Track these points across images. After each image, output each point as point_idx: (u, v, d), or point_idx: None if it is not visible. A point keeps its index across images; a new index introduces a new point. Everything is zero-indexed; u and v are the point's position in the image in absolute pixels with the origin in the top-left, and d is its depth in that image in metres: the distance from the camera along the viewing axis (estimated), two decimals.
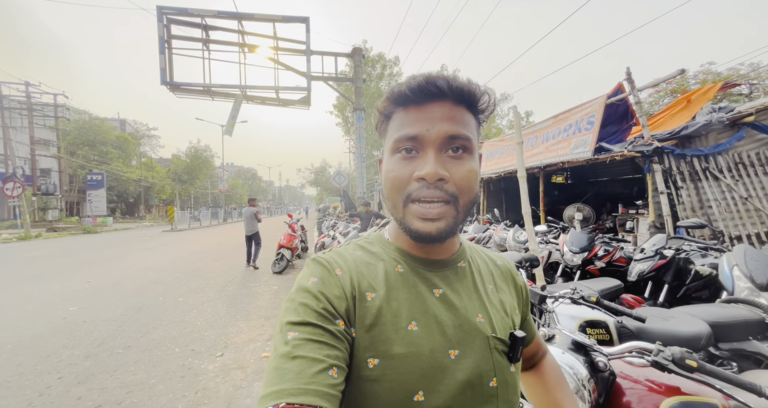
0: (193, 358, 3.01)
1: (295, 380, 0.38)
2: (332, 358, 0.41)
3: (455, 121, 0.48)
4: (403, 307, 0.50)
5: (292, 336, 0.42)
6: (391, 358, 0.46)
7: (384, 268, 0.53)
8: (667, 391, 0.89)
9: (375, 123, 0.57)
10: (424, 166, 0.47)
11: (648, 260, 2.80)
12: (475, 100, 0.50)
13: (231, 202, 45.51)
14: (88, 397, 2.39)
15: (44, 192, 21.95)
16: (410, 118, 0.49)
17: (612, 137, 5.32)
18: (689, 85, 13.47)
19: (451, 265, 0.56)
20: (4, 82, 20.32)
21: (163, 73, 10.42)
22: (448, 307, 0.52)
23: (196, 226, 23.19)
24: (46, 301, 4.77)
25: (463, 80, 0.49)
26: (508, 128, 23.22)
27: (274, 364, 0.40)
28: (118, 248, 11.07)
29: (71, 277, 6.34)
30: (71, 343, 3.30)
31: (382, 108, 0.54)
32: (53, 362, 2.91)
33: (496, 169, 7.78)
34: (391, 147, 0.51)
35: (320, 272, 0.49)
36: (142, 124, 36.06)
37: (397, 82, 14.07)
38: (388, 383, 0.45)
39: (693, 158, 4.07)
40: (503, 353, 0.53)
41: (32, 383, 2.57)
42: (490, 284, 0.60)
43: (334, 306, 0.46)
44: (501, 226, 4.94)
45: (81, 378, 2.64)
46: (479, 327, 0.52)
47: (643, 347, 0.98)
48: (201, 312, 4.32)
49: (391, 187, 0.50)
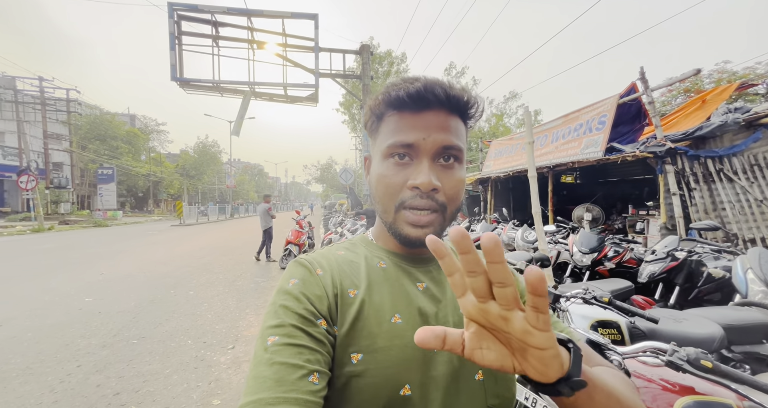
0: (206, 350, 3.08)
1: (274, 388, 0.37)
2: (313, 363, 0.41)
3: (450, 132, 0.49)
4: (385, 300, 0.50)
5: (272, 341, 0.41)
6: (375, 352, 0.46)
7: (366, 264, 0.54)
8: (681, 391, 0.90)
9: (364, 120, 0.57)
10: (418, 176, 0.47)
11: (659, 262, 2.79)
12: (467, 109, 0.51)
13: (238, 197, 45.94)
14: (107, 384, 2.47)
15: (57, 185, 22.39)
16: (406, 125, 0.49)
17: (624, 137, 5.27)
18: (703, 84, 13.19)
19: (434, 262, 0.57)
20: (19, 77, 20.69)
21: (174, 70, 10.52)
22: (432, 299, 0.52)
23: (204, 221, 23.46)
24: (62, 292, 4.90)
25: (458, 89, 0.50)
26: (516, 127, 22.99)
27: (253, 372, 0.39)
28: (128, 242, 11.27)
29: (85, 269, 6.50)
30: (88, 333, 3.41)
31: (375, 108, 0.53)
32: (72, 351, 3.00)
33: (504, 168, 7.74)
34: (384, 151, 0.51)
35: (301, 273, 0.49)
36: (151, 120, 36.50)
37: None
38: (372, 378, 0.45)
39: (707, 159, 4.01)
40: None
41: (53, 370, 2.66)
42: None
43: (315, 306, 0.45)
44: (509, 226, 4.93)
45: (99, 366, 2.73)
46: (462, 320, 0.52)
47: (657, 347, 0.99)
48: (211, 305, 4.40)
49: (384, 192, 0.51)
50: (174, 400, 2.30)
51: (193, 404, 2.26)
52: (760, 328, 1.58)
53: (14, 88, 20.73)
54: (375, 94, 0.53)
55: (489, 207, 8.64)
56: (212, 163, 37.38)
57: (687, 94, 12.75)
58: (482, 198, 9.31)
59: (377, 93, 0.53)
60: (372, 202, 0.56)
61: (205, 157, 36.21)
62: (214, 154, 37.62)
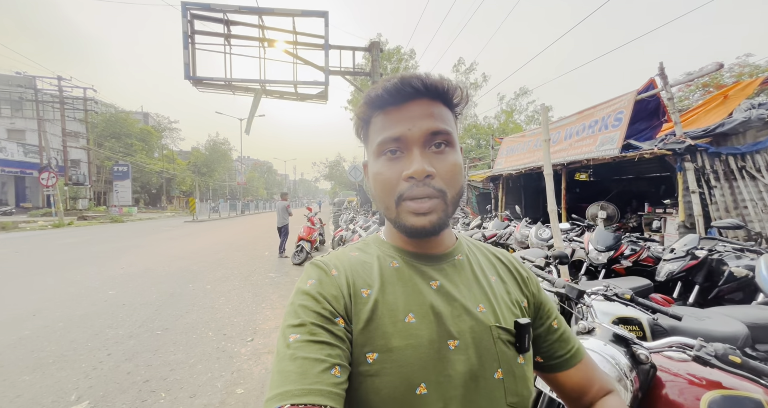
0: (226, 342, 3.18)
1: (299, 381, 0.38)
2: (334, 357, 0.42)
3: (435, 118, 0.49)
4: (399, 300, 0.50)
5: (293, 338, 0.42)
6: (390, 351, 0.46)
7: (379, 264, 0.54)
8: (708, 385, 0.92)
9: (355, 129, 0.57)
10: (411, 165, 0.48)
11: (678, 260, 2.76)
12: (449, 95, 0.51)
13: (248, 194, 46.52)
14: (136, 372, 2.59)
15: (75, 182, 23.07)
16: (391, 120, 0.50)
17: (641, 134, 5.18)
18: (723, 78, 12.79)
19: (447, 259, 0.57)
20: (39, 77, 21.29)
21: (187, 68, 10.66)
22: (446, 298, 0.52)
23: (215, 217, 23.89)
24: (87, 284, 5.10)
25: (435, 77, 0.50)
26: (526, 124, 22.67)
27: (277, 367, 0.41)
28: (145, 237, 11.58)
29: (106, 263, 6.73)
30: (115, 324, 3.55)
31: (360, 113, 0.54)
32: (101, 340, 3.14)
33: (516, 165, 7.68)
34: (375, 150, 0.52)
35: (317, 274, 0.51)
36: (163, 118, 37.15)
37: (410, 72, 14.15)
38: (388, 377, 0.45)
39: (728, 157, 3.93)
40: (509, 343, 0.52)
41: (86, 358, 2.80)
42: (494, 276, 0.59)
43: (332, 305, 0.47)
44: (522, 223, 4.91)
45: (128, 355, 2.85)
46: (480, 317, 0.51)
47: (684, 342, 1.01)
48: (228, 299, 4.52)
49: (382, 189, 0.51)
50: (200, 388, 2.40)
51: (218, 392, 2.35)
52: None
53: (35, 87, 21.34)
54: (359, 102, 0.54)
55: (500, 205, 8.59)
56: (223, 161, 37.92)
57: (706, 89, 12.38)
58: (493, 195, 9.25)
59: (362, 99, 0.53)
60: (375, 204, 0.56)
61: (215, 155, 36.76)
62: (225, 151, 38.14)
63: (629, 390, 0.92)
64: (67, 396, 2.27)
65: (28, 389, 2.35)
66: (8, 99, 24.46)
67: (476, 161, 16.11)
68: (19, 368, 2.61)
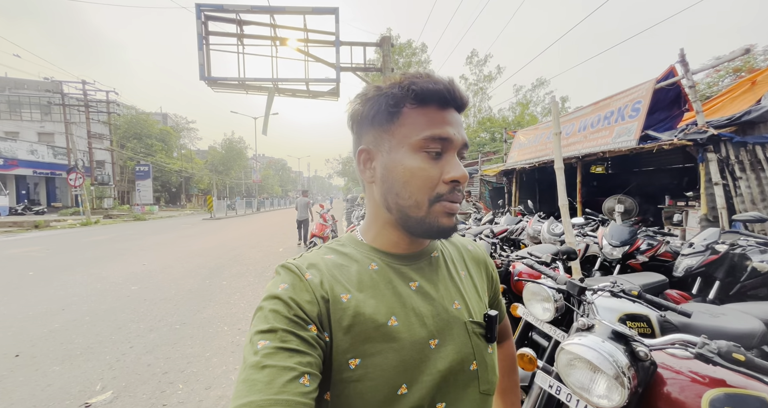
0: (241, 337, 3.29)
1: (264, 391, 0.37)
2: (304, 365, 0.40)
3: (463, 130, 0.53)
4: (381, 303, 0.50)
5: (262, 345, 0.40)
6: (373, 356, 0.46)
7: (357, 268, 0.53)
8: (711, 383, 0.90)
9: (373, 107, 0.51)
10: (455, 169, 0.49)
11: (697, 255, 2.65)
12: (464, 109, 0.54)
13: (263, 192, 47.43)
14: (156, 364, 2.72)
15: (100, 182, 24.12)
16: (436, 119, 0.49)
17: (660, 124, 4.96)
18: (757, 62, 12.05)
19: (424, 257, 0.58)
20: (65, 81, 22.26)
21: (202, 69, 10.92)
22: (425, 298, 0.53)
23: (232, 214, 24.50)
24: (112, 280, 5.36)
25: (465, 93, 0.52)
26: (542, 116, 22.06)
27: (243, 376, 0.39)
28: (165, 234, 12.02)
29: (129, 260, 7.04)
30: (137, 318, 3.73)
31: (396, 94, 0.50)
32: (124, 333, 3.31)
33: (530, 158, 7.51)
34: (414, 143, 0.49)
35: (290, 278, 0.48)
36: (181, 118, 38.20)
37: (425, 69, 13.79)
38: (371, 382, 0.45)
39: (755, 146, 3.72)
40: (481, 336, 0.55)
41: (110, 350, 2.96)
42: (463, 270, 0.63)
43: (305, 311, 0.45)
44: (535, 218, 4.82)
45: (148, 348, 3.00)
46: (456, 314, 0.54)
47: (687, 340, 0.98)
48: (243, 295, 4.66)
49: (421, 186, 0.49)
50: (215, 381, 2.50)
51: (232, 385, 2.45)
52: None
53: (61, 91, 22.36)
54: (390, 84, 0.51)
55: (514, 199, 8.44)
56: (239, 159, 38.73)
57: (737, 74, 11.69)
58: (506, 190, 9.10)
59: (393, 83, 0.51)
60: (386, 198, 0.52)
61: (231, 153, 37.57)
62: (240, 149, 38.92)
63: (627, 387, 0.90)
64: (92, 386, 2.42)
65: (58, 379, 2.51)
66: (38, 104, 25.74)
67: (490, 155, 15.84)
68: (50, 359, 2.80)
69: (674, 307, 1.28)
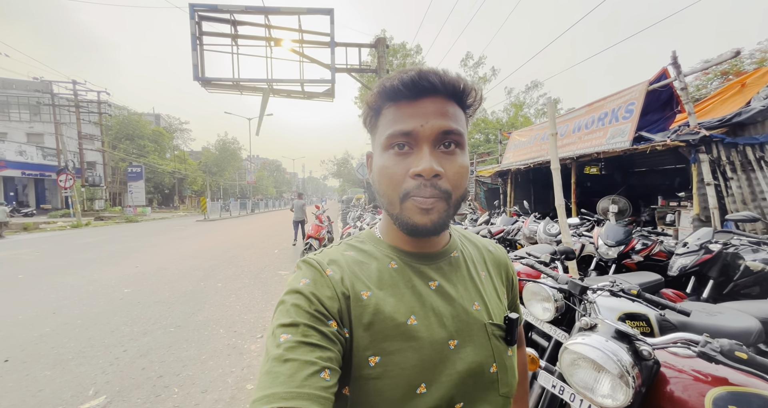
0: (236, 339, 3.25)
1: (287, 384, 0.37)
2: (324, 360, 0.41)
3: (448, 117, 0.48)
4: (400, 302, 0.50)
5: (284, 338, 0.41)
6: (392, 354, 0.46)
7: (377, 265, 0.53)
8: (714, 382, 0.90)
9: (363, 117, 0.56)
10: (420, 162, 0.47)
11: (691, 254, 2.69)
12: (464, 95, 0.50)
13: (257, 193, 47.12)
14: (151, 368, 2.67)
15: (91, 183, 23.71)
16: (403, 114, 0.48)
17: (653, 126, 5.03)
18: (743, 65, 12.29)
19: (444, 257, 0.57)
20: (55, 81, 21.89)
21: (196, 70, 10.84)
22: (445, 298, 0.52)
23: (226, 216, 24.28)
24: (104, 283, 5.27)
25: (453, 75, 0.49)
26: (535, 117, 22.26)
27: (266, 368, 0.39)
28: (158, 236, 11.87)
29: (121, 262, 6.93)
30: (130, 321, 3.66)
31: (371, 102, 0.52)
32: (117, 337, 3.25)
33: (524, 159, 7.57)
34: (383, 142, 0.50)
35: (311, 274, 0.49)
36: (174, 119, 37.80)
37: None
38: (390, 379, 0.45)
39: (746, 147, 3.79)
40: (501, 338, 0.54)
41: (103, 354, 2.90)
42: (483, 271, 0.62)
43: (326, 307, 0.45)
44: (530, 219, 4.85)
45: (142, 351, 2.94)
46: (476, 315, 0.53)
47: (689, 338, 0.99)
48: (239, 297, 4.61)
49: (387, 183, 0.49)
50: (211, 384, 2.47)
51: (228, 388, 2.41)
52: None
53: (51, 91, 21.98)
54: (371, 90, 0.52)
55: (509, 200, 8.50)
56: (232, 160, 38.45)
57: (725, 77, 11.92)
58: (502, 191, 9.15)
59: (374, 87, 0.52)
60: (377, 197, 0.54)
61: (225, 154, 37.28)
62: (234, 150, 38.62)
63: (631, 386, 0.90)
64: (85, 391, 2.36)
65: (49, 384, 2.45)
66: (27, 104, 25.29)
67: (485, 156, 15.94)
68: (41, 364, 2.73)
69: (673, 305, 1.29)
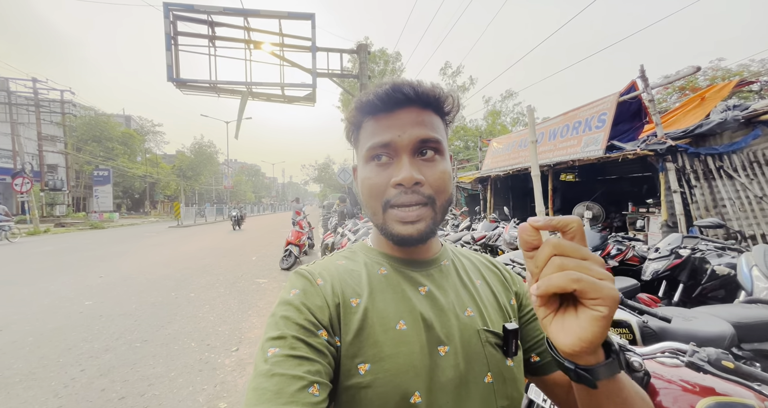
0: (209, 353, 3.06)
1: (273, 400, 0.36)
2: (313, 374, 0.40)
3: (424, 125, 0.49)
4: (389, 307, 0.49)
5: (272, 352, 0.41)
6: (382, 360, 0.45)
7: (367, 272, 0.53)
8: (702, 392, 0.90)
9: (345, 133, 0.58)
10: (399, 172, 0.48)
11: (663, 259, 2.80)
12: (440, 103, 0.51)
13: (235, 198, 45.73)
14: (112, 388, 2.44)
15: (52, 187, 22.18)
16: (381, 126, 0.50)
17: (624, 135, 5.29)
18: (698, 81, 13.28)
19: (434, 264, 0.57)
20: (12, 79, 20.46)
21: (170, 70, 10.42)
22: (435, 303, 0.52)
23: (201, 222, 23.35)
24: (62, 295, 4.86)
25: (427, 85, 0.50)
26: (511, 125, 23.04)
27: (253, 384, 0.39)
28: (126, 244, 11.19)
29: (84, 272, 6.44)
30: (90, 337, 3.37)
31: (351, 117, 0.54)
32: (75, 355, 2.97)
33: (503, 166, 7.76)
34: (364, 155, 0.52)
35: (302, 284, 0.49)
36: (147, 121, 36.16)
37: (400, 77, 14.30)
38: (381, 387, 0.44)
39: (707, 157, 4.04)
40: (497, 346, 0.52)
41: (56, 375, 2.63)
42: (479, 279, 0.60)
43: (316, 317, 0.45)
44: (510, 225, 4.94)
45: (103, 370, 2.70)
46: (468, 321, 0.52)
47: (677, 348, 0.99)
48: (213, 307, 4.38)
49: (369, 194, 0.51)
50: (180, 404, 2.29)
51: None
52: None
53: (7, 89, 20.49)
54: (349, 106, 0.54)
55: (489, 206, 8.66)
56: (209, 164, 37.15)
57: (683, 92, 12.83)
58: (482, 197, 9.33)
59: (353, 104, 0.54)
60: (363, 209, 0.56)
61: (201, 158, 35.97)
62: (211, 154, 37.37)
63: None
64: None
65: None
66: None
67: (464, 163, 16.28)
68: None
69: (655, 312, 1.30)
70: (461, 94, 22.32)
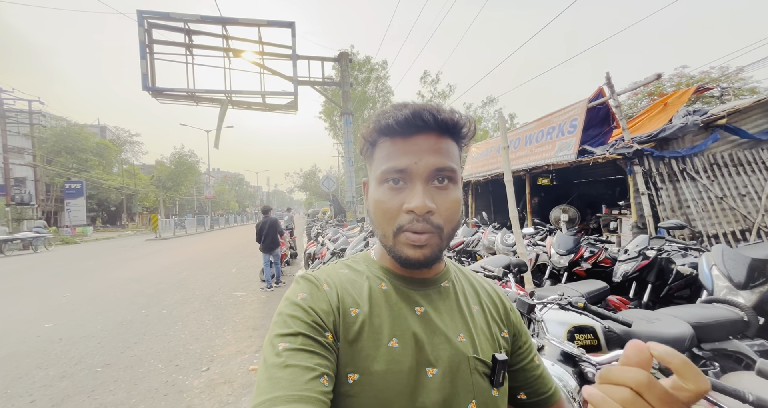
0: (177, 374, 2.90)
1: (289, 388, 0.38)
2: (323, 367, 0.42)
3: (441, 153, 0.50)
4: (384, 324, 0.50)
5: (283, 346, 0.42)
6: (371, 375, 0.46)
7: (368, 285, 0.54)
8: None
9: (359, 148, 0.58)
10: (412, 199, 0.48)
11: (632, 261, 2.86)
12: (458, 129, 0.51)
13: (218, 208, 44.63)
14: None
15: (19, 202, 21.01)
16: (397, 150, 0.50)
17: (594, 140, 5.46)
18: (665, 87, 14.00)
19: (434, 285, 0.57)
20: None
21: (145, 79, 10.17)
22: (429, 325, 0.52)
23: (181, 234, 22.59)
24: (20, 318, 4.54)
25: (447, 112, 0.50)
26: (492, 131, 23.58)
27: (266, 374, 0.40)
28: (98, 259, 10.68)
29: (48, 292, 6.07)
30: (45, 363, 3.14)
31: (367, 135, 0.54)
32: (25, 384, 2.75)
33: (483, 171, 7.87)
34: (378, 176, 0.52)
35: (309, 288, 0.51)
36: (123, 131, 34.98)
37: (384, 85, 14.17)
38: (366, 400, 0.45)
39: (671, 160, 4.21)
40: (485, 375, 0.52)
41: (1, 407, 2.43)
42: (476, 305, 0.60)
43: (322, 319, 0.46)
44: (489, 229, 4.97)
45: (55, 401, 2.51)
46: (460, 347, 0.52)
47: None
48: (186, 324, 4.18)
49: (382, 217, 0.51)
50: None
51: None
52: (727, 325, 1.62)
53: None
54: (366, 122, 0.54)
55: (470, 211, 8.74)
56: (190, 174, 36.15)
57: (651, 97, 13.47)
58: (463, 202, 9.41)
59: (368, 121, 0.54)
60: (371, 226, 0.57)
61: (182, 168, 34.97)
62: (192, 164, 36.42)
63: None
64: None
65: None
66: None
67: None
68: None
69: (616, 317, 1.30)
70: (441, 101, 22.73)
